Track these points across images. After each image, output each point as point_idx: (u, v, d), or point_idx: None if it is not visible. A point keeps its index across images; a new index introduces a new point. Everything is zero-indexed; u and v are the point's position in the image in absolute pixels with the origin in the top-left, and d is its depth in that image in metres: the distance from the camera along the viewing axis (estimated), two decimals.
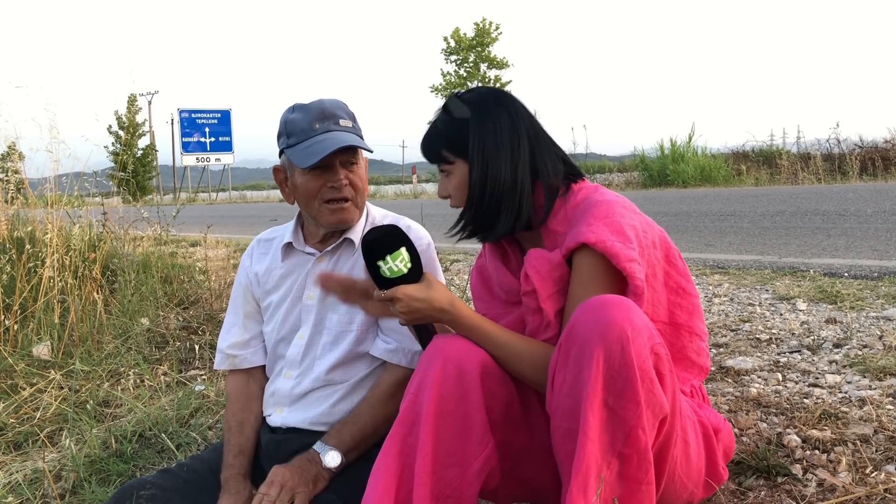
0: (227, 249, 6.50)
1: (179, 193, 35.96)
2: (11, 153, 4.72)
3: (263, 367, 1.77)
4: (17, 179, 4.60)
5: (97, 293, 3.51)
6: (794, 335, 2.72)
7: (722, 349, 2.64)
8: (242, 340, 1.75)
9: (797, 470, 1.64)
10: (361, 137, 1.64)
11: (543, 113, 1.51)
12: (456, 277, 4.49)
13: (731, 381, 2.31)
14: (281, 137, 1.65)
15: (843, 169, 13.03)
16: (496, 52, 31.57)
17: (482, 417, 1.27)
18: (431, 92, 31.38)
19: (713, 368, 2.43)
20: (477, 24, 31.29)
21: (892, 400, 1.98)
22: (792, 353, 2.52)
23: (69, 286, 3.43)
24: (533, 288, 1.35)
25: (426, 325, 1.37)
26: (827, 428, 1.82)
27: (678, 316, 1.42)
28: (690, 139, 15.40)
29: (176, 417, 2.42)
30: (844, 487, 1.52)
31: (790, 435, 1.80)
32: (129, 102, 36.74)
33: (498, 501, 1.46)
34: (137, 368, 2.88)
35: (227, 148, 36.92)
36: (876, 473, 1.57)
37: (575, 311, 1.19)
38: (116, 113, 36.21)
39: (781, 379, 2.28)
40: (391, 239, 1.32)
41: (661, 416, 1.19)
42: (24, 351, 3.08)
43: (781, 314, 3.05)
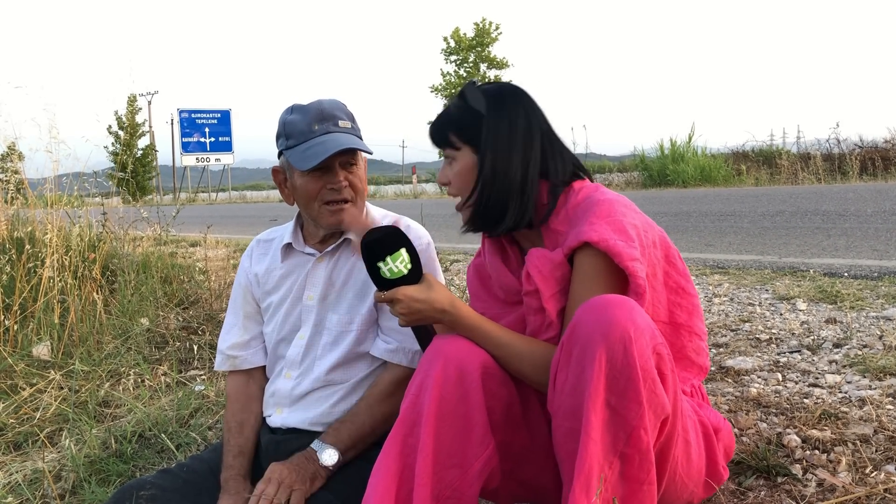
0: (226, 250, 6.50)
1: (179, 193, 35.96)
2: (11, 153, 4.72)
3: (263, 367, 1.77)
4: (16, 180, 4.59)
5: (97, 293, 3.51)
6: (794, 335, 2.72)
7: (722, 349, 2.64)
8: (242, 341, 1.75)
9: (797, 470, 1.64)
10: (360, 138, 1.64)
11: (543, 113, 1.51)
12: (456, 277, 4.49)
13: (730, 381, 2.31)
14: (280, 139, 1.64)
15: (843, 169, 13.03)
16: (496, 52, 31.57)
17: (483, 418, 1.26)
18: (431, 92, 31.38)
19: (713, 368, 2.43)
20: (477, 24, 31.29)
21: (892, 400, 1.98)
22: (792, 353, 2.52)
23: (69, 286, 3.43)
24: (535, 288, 1.34)
25: (426, 325, 1.37)
26: (827, 428, 1.82)
27: (678, 315, 1.42)
28: (690, 139, 15.41)
29: (176, 418, 2.42)
30: (844, 487, 1.52)
31: (790, 435, 1.80)
32: (128, 102, 36.74)
33: (498, 501, 1.46)
34: (137, 368, 2.88)
35: (226, 148, 36.92)
36: (876, 473, 1.57)
37: (577, 310, 1.19)
38: (116, 113, 36.22)
39: (781, 379, 2.28)
40: (391, 240, 1.31)
41: (662, 416, 1.18)
42: (23, 351, 3.08)
43: (781, 314, 3.05)
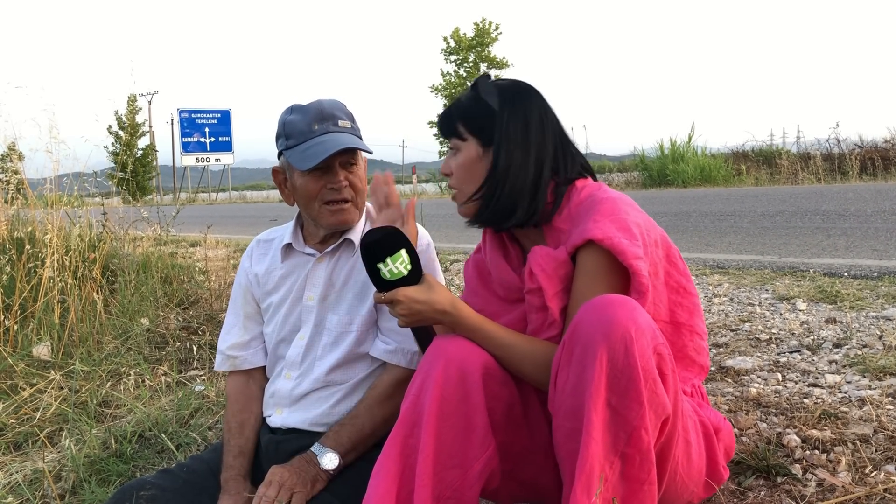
0: (226, 250, 6.51)
1: (179, 194, 35.96)
2: (11, 153, 4.72)
3: (263, 367, 1.77)
4: (16, 180, 4.59)
5: (97, 293, 3.51)
6: (793, 335, 2.72)
7: (722, 349, 2.64)
8: (243, 341, 1.75)
9: (797, 470, 1.64)
10: (360, 138, 1.64)
11: None
12: (456, 277, 4.49)
13: (730, 380, 2.31)
14: (279, 139, 1.64)
15: (842, 169, 13.03)
16: (496, 52, 31.59)
17: (484, 419, 1.26)
18: (431, 92, 31.39)
19: (713, 368, 2.43)
20: (477, 24, 31.29)
21: (891, 400, 1.98)
22: (792, 352, 2.52)
23: (69, 286, 3.43)
24: (538, 286, 1.34)
25: (426, 326, 1.36)
26: (827, 428, 1.82)
27: (679, 315, 1.42)
28: (690, 139, 15.42)
29: (176, 418, 2.42)
30: (844, 487, 1.52)
31: (790, 435, 1.80)
32: (128, 102, 36.75)
33: (498, 501, 1.46)
34: (138, 369, 2.88)
35: (226, 148, 36.93)
36: (875, 473, 1.57)
37: (579, 310, 1.19)
38: (116, 113, 36.22)
39: (781, 379, 2.28)
40: (391, 240, 1.31)
41: (663, 416, 1.18)
42: (23, 351, 3.08)
43: (781, 314, 3.05)
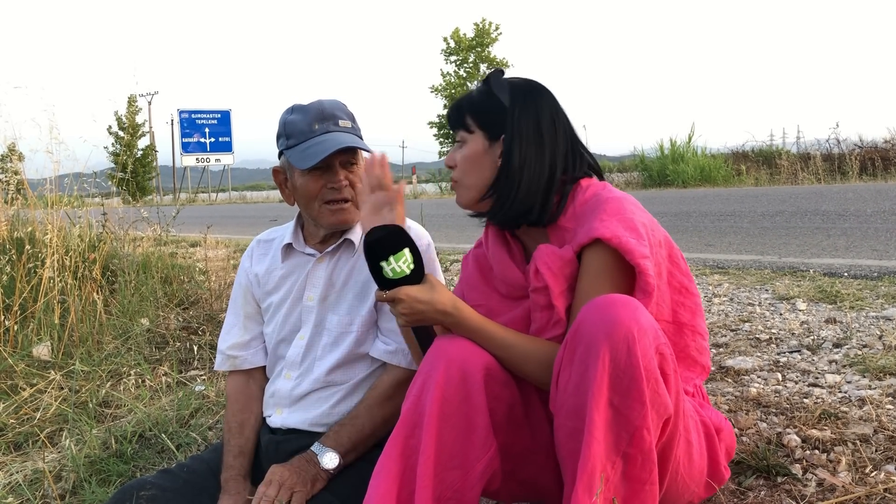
0: (226, 250, 6.51)
1: (179, 194, 35.96)
2: (11, 154, 4.72)
3: (263, 367, 1.77)
4: (17, 180, 4.59)
5: (97, 294, 3.51)
6: (793, 335, 2.72)
7: (722, 349, 2.64)
8: (243, 341, 1.75)
9: (797, 470, 1.64)
10: (361, 137, 1.64)
11: None
12: (456, 278, 4.49)
13: (730, 380, 2.31)
14: (280, 139, 1.64)
15: (842, 169, 13.03)
16: (496, 52, 31.59)
17: (485, 421, 1.26)
18: (431, 92, 31.40)
19: (713, 368, 2.43)
20: (476, 24, 31.31)
21: (891, 400, 1.98)
22: (792, 352, 2.52)
23: (69, 287, 3.43)
24: (544, 284, 1.33)
25: (426, 327, 1.36)
26: (827, 428, 1.82)
27: (681, 315, 1.41)
28: (690, 139, 15.42)
29: (176, 418, 2.42)
30: (844, 487, 1.52)
31: (790, 435, 1.80)
32: (128, 103, 36.75)
33: (499, 501, 1.45)
34: (138, 369, 2.88)
35: (226, 148, 36.92)
36: (876, 473, 1.57)
37: (581, 309, 1.18)
38: (116, 114, 36.23)
39: (781, 379, 2.28)
40: (394, 239, 1.30)
41: (665, 416, 1.18)
42: (24, 351, 3.08)
43: (781, 314, 3.05)
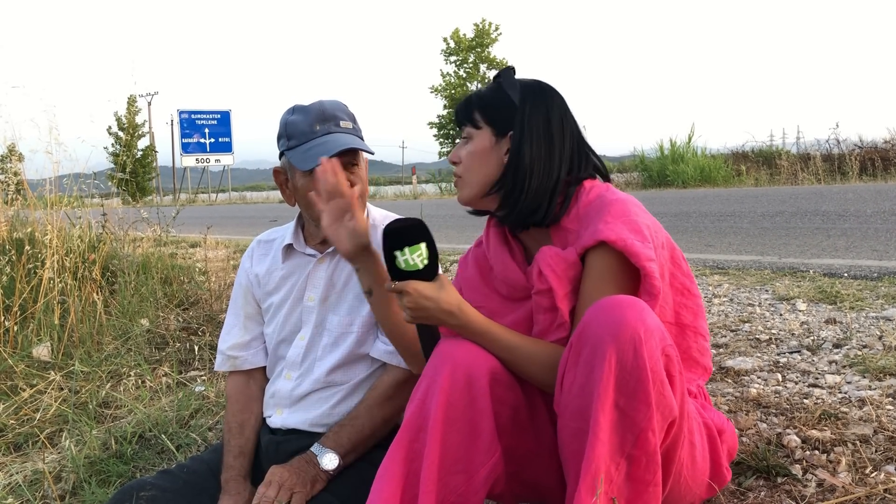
0: (226, 250, 6.50)
1: (179, 194, 35.95)
2: (11, 154, 4.73)
3: (264, 368, 1.77)
4: (16, 181, 4.59)
5: (97, 294, 3.51)
6: (793, 335, 2.72)
7: (722, 349, 2.64)
8: (243, 342, 1.75)
9: (797, 470, 1.64)
10: (362, 138, 1.64)
11: None
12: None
13: (730, 381, 2.31)
14: (281, 139, 1.64)
15: (842, 169, 13.02)
16: (496, 52, 31.63)
17: (490, 425, 1.25)
18: (431, 93, 31.43)
19: (713, 369, 2.43)
20: (476, 24, 31.34)
21: (891, 400, 1.98)
22: (792, 353, 2.52)
23: (69, 287, 3.43)
24: (548, 287, 1.32)
25: (430, 327, 1.35)
26: (827, 428, 1.82)
27: (684, 316, 1.41)
28: (690, 139, 15.41)
29: (176, 418, 2.42)
30: (844, 488, 1.52)
31: (790, 435, 1.80)
32: (128, 103, 36.73)
33: (501, 502, 1.45)
34: (138, 369, 2.88)
35: (226, 149, 36.90)
36: (876, 474, 1.57)
37: (588, 310, 1.18)
38: (116, 114, 36.21)
39: (781, 379, 2.28)
40: (414, 232, 1.29)
41: (670, 418, 1.18)
42: (23, 352, 3.08)
43: (781, 314, 3.05)
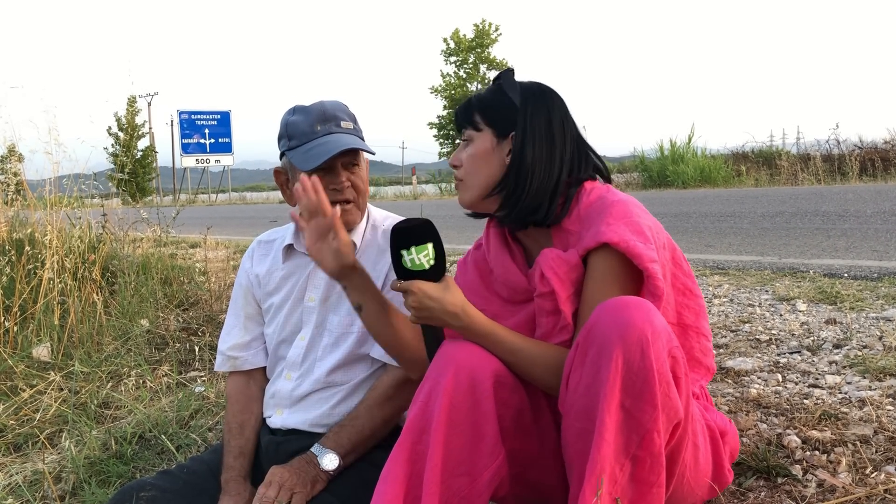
0: (226, 251, 6.50)
1: (179, 195, 35.94)
2: (11, 155, 4.72)
3: (264, 368, 1.77)
4: (16, 181, 4.59)
5: (97, 295, 3.51)
6: (793, 336, 2.72)
7: (722, 350, 2.64)
8: (243, 342, 1.75)
9: (797, 471, 1.64)
10: (362, 139, 1.64)
11: None
12: None
13: (731, 381, 2.31)
14: (282, 140, 1.64)
15: (842, 170, 13.03)
16: (496, 53, 31.66)
17: (494, 428, 1.25)
18: (431, 93, 31.44)
19: None
20: (476, 25, 31.35)
21: (891, 401, 1.98)
22: (792, 353, 2.52)
23: (69, 288, 3.43)
24: (551, 289, 1.32)
25: (434, 330, 1.34)
26: (827, 429, 1.82)
27: (686, 317, 1.41)
28: (690, 140, 15.42)
29: (176, 419, 2.42)
30: (844, 488, 1.52)
31: (790, 436, 1.80)
32: (128, 104, 36.73)
33: (503, 503, 1.45)
34: (138, 370, 2.88)
35: (226, 149, 36.91)
36: (876, 474, 1.57)
37: (594, 311, 1.18)
38: (116, 114, 36.21)
39: (781, 380, 2.28)
40: (421, 231, 1.29)
41: (675, 420, 1.18)
42: (23, 352, 3.08)
43: (781, 315, 3.05)
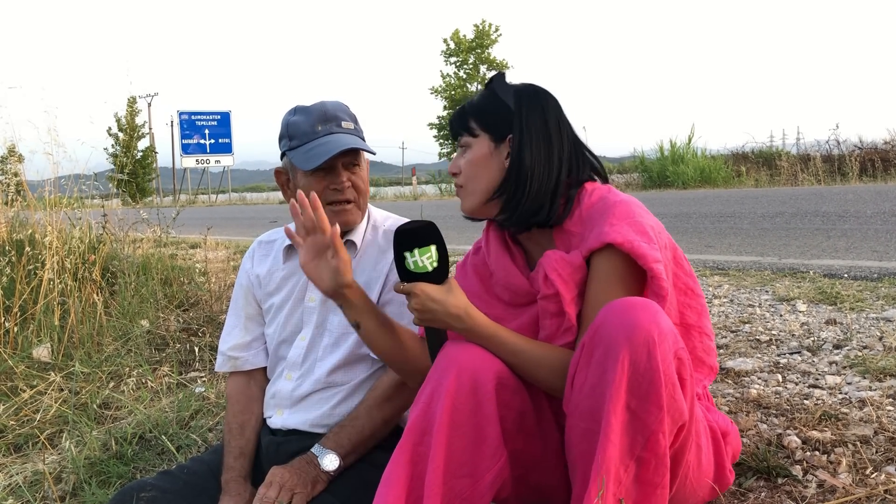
0: (227, 251, 6.50)
1: (179, 195, 35.94)
2: (11, 155, 4.72)
3: (264, 369, 1.77)
4: (16, 182, 4.59)
5: (97, 295, 3.51)
6: (794, 336, 2.72)
7: (722, 350, 2.64)
8: (244, 342, 1.75)
9: (797, 471, 1.64)
10: (363, 139, 1.64)
11: None
12: None
13: (731, 382, 2.31)
14: (283, 140, 1.65)
15: (842, 170, 13.03)
16: (496, 53, 31.69)
17: (496, 430, 1.24)
18: (431, 94, 31.46)
19: None
20: (476, 25, 31.38)
21: (892, 401, 1.98)
22: (792, 354, 2.53)
23: (69, 288, 3.42)
24: (555, 291, 1.32)
25: (438, 332, 1.34)
26: (827, 429, 1.82)
27: (688, 317, 1.41)
28: (690, 140, 15.43)
29: (176, 419, 2.42)
30: (845, 488, 1.52)
31: (790, 436, 1.80)
32: (128, 104, 36.73)
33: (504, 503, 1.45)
34: (139, 370, 2.88)
35: (226, 150, 36.92)
36: (876, 474, 1.57)
37: (601, 311, 1.17)
38: (116, 115, 36.21)
39: (781, 380, 2.28)
40: (425, 233, 1.29)
41: (680, 422, 1.17)
42: (24, 353, 3.08)
43: (781, 315, 3.05)
